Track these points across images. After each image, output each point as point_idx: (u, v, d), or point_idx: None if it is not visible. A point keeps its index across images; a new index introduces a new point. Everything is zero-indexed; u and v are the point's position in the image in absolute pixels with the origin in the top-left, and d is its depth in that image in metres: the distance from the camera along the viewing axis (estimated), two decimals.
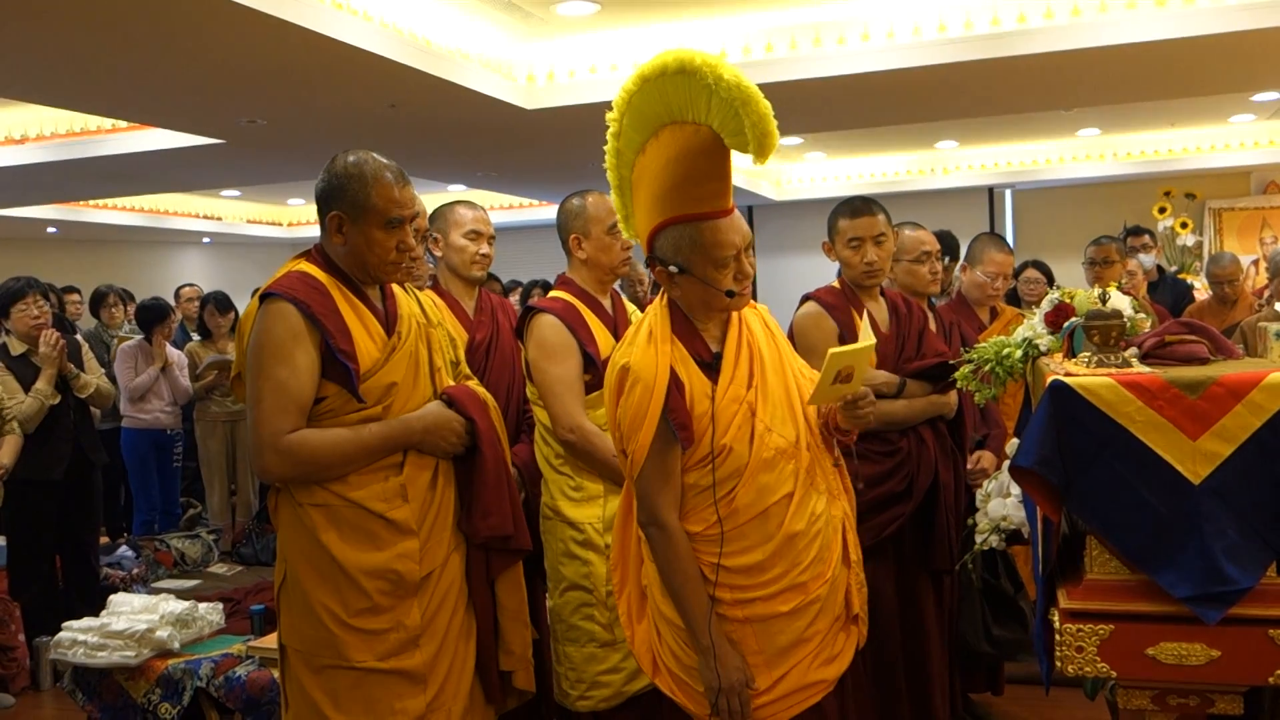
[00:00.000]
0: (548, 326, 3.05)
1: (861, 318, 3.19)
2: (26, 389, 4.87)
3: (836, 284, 3.35)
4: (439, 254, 3.37)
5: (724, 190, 2.28)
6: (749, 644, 2.30)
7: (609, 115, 2.35)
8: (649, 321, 2.37)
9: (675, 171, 2.24)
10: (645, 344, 2.31)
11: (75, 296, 8.31)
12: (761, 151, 2.08)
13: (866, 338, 2.38)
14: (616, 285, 3.36)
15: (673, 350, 2.31)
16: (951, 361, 3.11)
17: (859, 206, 3.27)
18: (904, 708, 3.22)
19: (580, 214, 3.15)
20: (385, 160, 2.47)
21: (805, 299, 3.34)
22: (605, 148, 2.39)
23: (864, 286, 3.29)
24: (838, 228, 3.28)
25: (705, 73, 2.09)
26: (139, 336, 6.74)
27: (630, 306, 3.33)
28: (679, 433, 2.25)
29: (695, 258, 2.27)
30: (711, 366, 2.33)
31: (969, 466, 3.53)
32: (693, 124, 2.19)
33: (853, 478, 2.54)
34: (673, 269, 2.30)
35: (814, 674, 2.34)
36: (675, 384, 2.27)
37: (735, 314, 2.41)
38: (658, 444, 2.25)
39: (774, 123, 2.07)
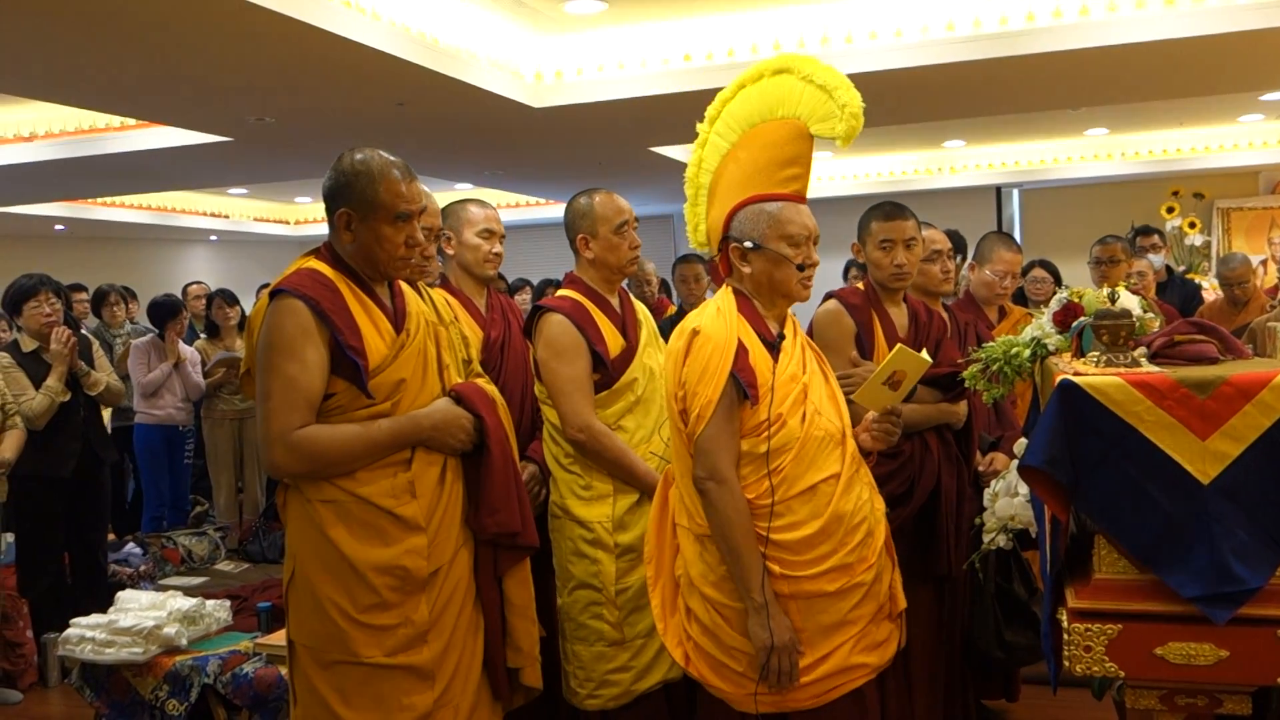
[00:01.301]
0: (556, 325, 3.06)
1: (882, 321, 3.25)
2: (37, 386, 4.88)
3: (861, 285, 3.40)
4: (451, 252, 3.37)
5: (803, 176, 2.49)
6: (793, 620, 2.38)
7: (699, 125, 2.59)
8: (716, 302, 2.52)
9: (759, 157, 2.47)
10: (715, 314, 2.47)
11: (82, 295, 8.31)
12: (849, 134, 2.36)
13: (925, 357, 2.52)
14: (624, 284, 3.36)
15: (740, 324, 2.46)
16: (962, 360, 3.11)
17: (892, 210, 3.33)
18: (909, 709, 3.23)
19: (588, 213, 3.15)
20: (391, 156, 2.49)
21: (828, 296, 3.40)
22: (689, 159, 2.61)
23: (890, 289, 3.34)
24: (870, 229, 3.33)
25: (802, 67, 2.40)
26: (153, 333, 6.76)
27: (639, 306, 3.33)
28: (748, 390, 2.37)
29: (770, 233, 2.46)
30: (773, 346, 2.47)
31: (982, 469, 3.53)
32: (779, 119, 2.46)
33: None
34: (747, 244, 2.47)
35: (857, 658, 2.42)
36: (742, 348, 2.41)
37: (788, 311, 2.58)
38: (724, 400, 2.36)
39: (861, 107, 2.37)
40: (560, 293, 3.20)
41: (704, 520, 2.42)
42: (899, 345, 2.41)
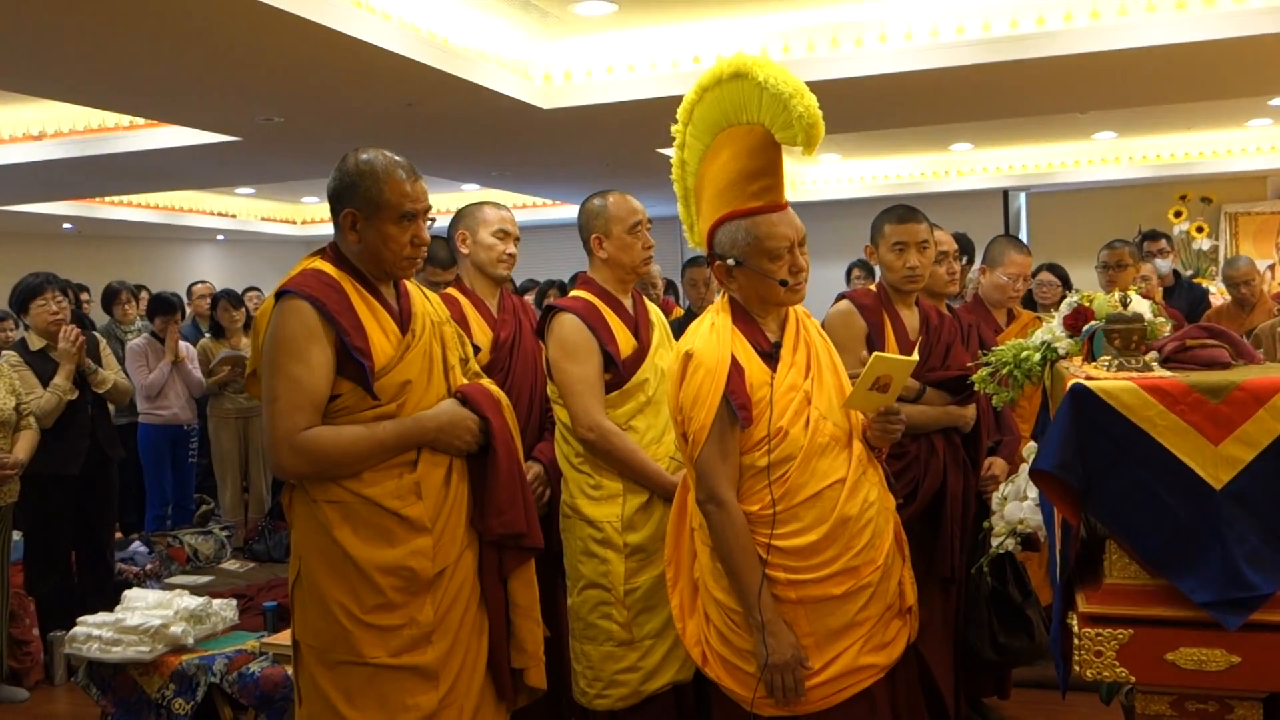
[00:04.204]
0: (569, 325, 3.07)
1: (894, 322, 3.26)
2: (45, 384, 4.89)
3: (874, 287, 3.43)
4: (466, 251, 3.38)
5: (776, 185, 2.45)
6: (800, 625, 2.38)
7: (674, 128, 2.56)
8: (711, 316, 2.51)
9: (731, 169, 2.43)
10: (708, 333, 2.46)
11: (85, 295, 8.30)
12: (810, 142, 2.28)
13: (910, 356, 2.50)
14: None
15: (734, 340, 2.44)
16: (971, 364, 3.11)
17: (904, 213, 3.36)
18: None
19: (601, 214, 3.16)
20: (396, 156, 2.49)
21: (840, 297, 3.44)
22: (671, 160, 2.59)
23: (902, 292, 3.36)
24: (883, 231, 3.36)
25: (756, 72, 2.31)
26: (147, 332, 6.76)
27: (653, 307, 3.34)
28: (739, 412, 2.36)
29: (750, 250, 2.43)
30: (771, 356, 2.46)
31: (980, 473, 3.52)
32: (746, 125, 2.39)
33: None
34: (730, 262, 2.45)
35: (865, 659, 2.43)
36: (735, 368, 2.40)
37: (791, 310, 2.56)
38: (718, 424, 2.36)
39: (820, 114, 2.28)
40: (573, 293, 3.23)
41: None
42: (875, 355, 2.39)
